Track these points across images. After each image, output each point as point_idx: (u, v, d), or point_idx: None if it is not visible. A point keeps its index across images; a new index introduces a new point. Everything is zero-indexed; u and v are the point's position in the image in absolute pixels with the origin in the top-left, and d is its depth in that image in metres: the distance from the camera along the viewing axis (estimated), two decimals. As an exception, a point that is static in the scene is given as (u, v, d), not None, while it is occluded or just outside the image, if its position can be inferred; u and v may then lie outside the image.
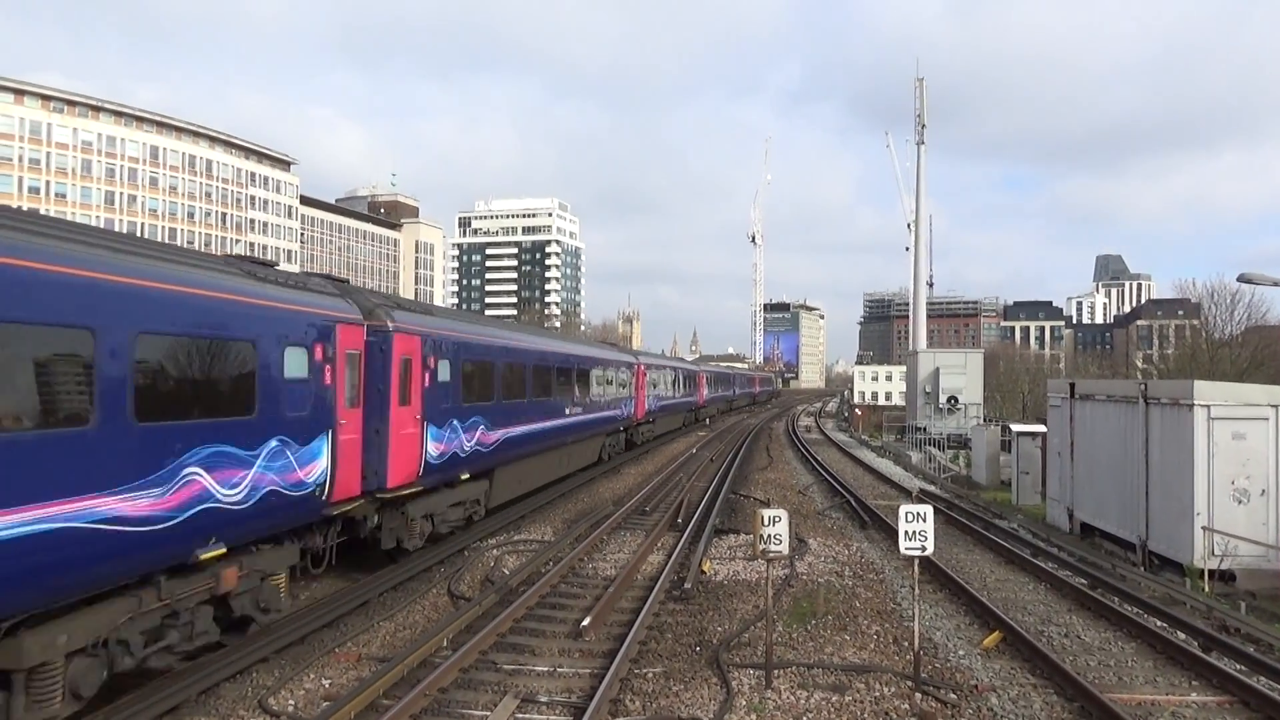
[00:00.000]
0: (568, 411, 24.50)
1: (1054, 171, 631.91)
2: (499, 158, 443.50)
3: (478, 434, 17.29)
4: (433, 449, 15.07)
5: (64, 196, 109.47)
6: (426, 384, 14.83)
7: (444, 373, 15.61)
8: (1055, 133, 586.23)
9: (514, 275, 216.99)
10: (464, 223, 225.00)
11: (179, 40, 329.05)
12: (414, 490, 14.53)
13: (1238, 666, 11.07)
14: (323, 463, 11.69)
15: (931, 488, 31.05)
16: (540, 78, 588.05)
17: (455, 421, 16.10)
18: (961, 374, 51.62)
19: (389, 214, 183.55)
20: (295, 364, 11.13)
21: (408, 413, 14.15)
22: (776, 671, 10.27)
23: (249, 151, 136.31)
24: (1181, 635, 12.49)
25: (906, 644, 11.32)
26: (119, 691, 8.74)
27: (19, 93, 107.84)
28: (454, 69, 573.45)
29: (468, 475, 17.06)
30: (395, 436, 13.64)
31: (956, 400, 50.50)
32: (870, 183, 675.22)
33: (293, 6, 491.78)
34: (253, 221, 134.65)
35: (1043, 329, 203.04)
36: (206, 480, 9.22)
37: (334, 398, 12.09)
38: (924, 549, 10.31)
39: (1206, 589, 15.72)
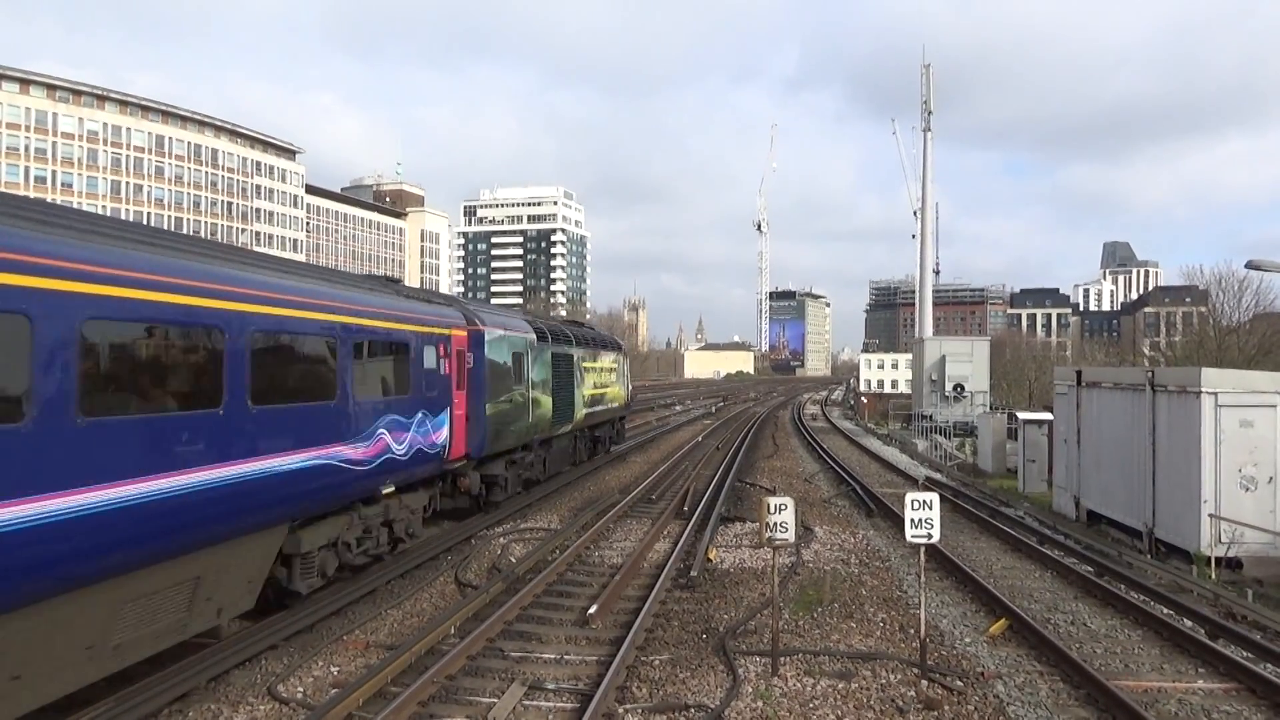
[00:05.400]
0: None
1: (1056, 158, 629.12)
2: (500, 145, 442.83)
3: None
4: None
5: (70, 186, 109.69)
6: None
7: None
8: (1057, 118, 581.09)
9: (519, 264, 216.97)
10: (469, 211, 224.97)
11: (174, 27, 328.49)
12: None
13: (1244, 653, 11.06)
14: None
15: (938, 475, 31.04)
16: (538, 64, 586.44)
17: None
18: (968, 362, 51.49)
19: (394, 203, 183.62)
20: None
21: None
22: (783, 659, 10.30)
23: (254, 141, 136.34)
24: (1188, 622, 12.48)
25: (913, 631, 11.35)
26: (128, 680, 8.80)
27: (24, 82, 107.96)
28: (452, 55, 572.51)
29: None
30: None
31: (963, 388, 50.39)
32: (873, 169, 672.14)
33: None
34: (258, 211, 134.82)
35: (1049, 316, 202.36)
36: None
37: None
38: (930, 537, 10.31)
39: (1213, 576, 15.71)
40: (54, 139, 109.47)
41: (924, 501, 10.30)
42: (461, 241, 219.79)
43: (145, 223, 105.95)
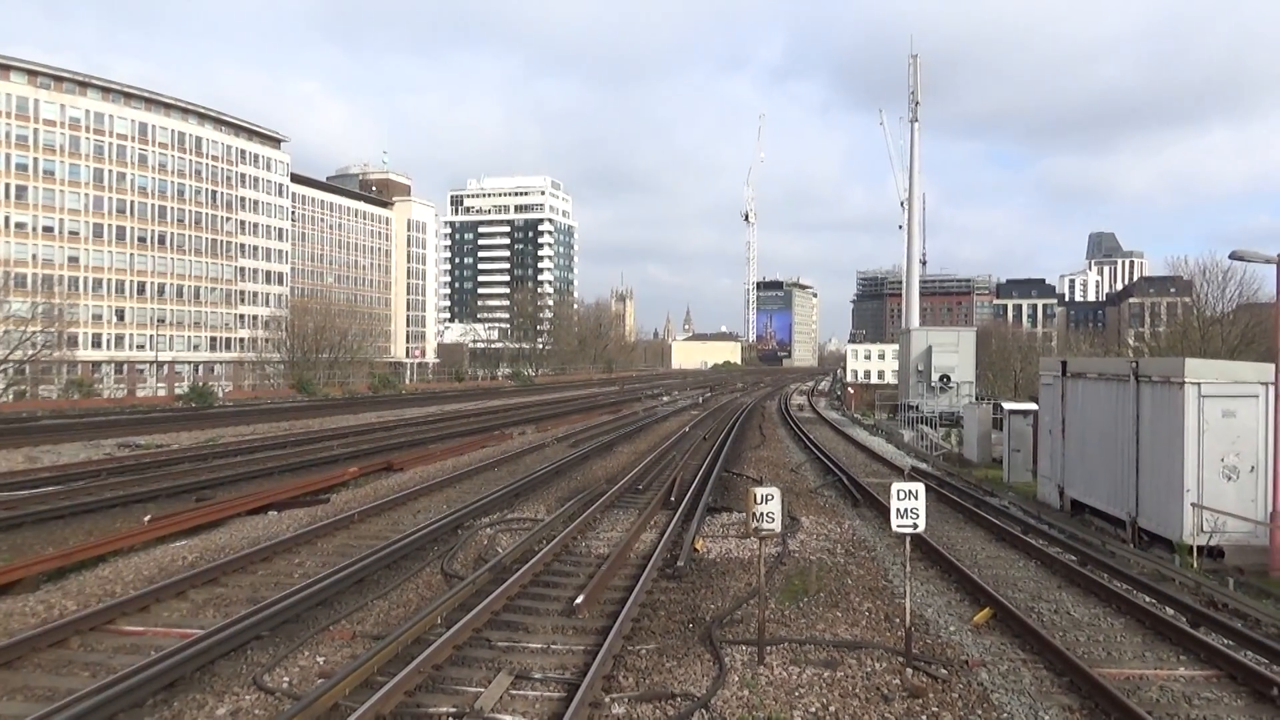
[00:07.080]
0: None
1: (1042, 148, 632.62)
2: (487, 134, 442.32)
3: None
4: None
5: (52, 174, 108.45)
6: None
7: None
8: (1042, 109, 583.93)
9: (507, 254, 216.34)
10: (456, 201, 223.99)
11: (156, 14, 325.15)
12: None
13: (1225, 641, 11.17)
14: None
15: (923, 466, 31.19)
16: (524, 52, 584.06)
17: None
18: (954, 352, 51.61)
19: (380, 192, 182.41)
20: None
21: None
22: (769, 648, 10.34)
23: (239, 129, 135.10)
24: (1170, 611, 12.60)
25: (898, 620, 11.41)
26: (115, 669, 8.76)
27: (4, 68, 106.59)
28: (437, 43, 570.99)
29: None
30: None
31: (949, 378, 50.52)
32: (860, 160, 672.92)
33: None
34: (243, 199, 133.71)
35: (1035, 307, 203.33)
36: None
37: None
38: (915, 526, 10.36)
39: (1195, 565, 15.84)
40: (35, 125, 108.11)
41: (909, 492, 10.34)
42: (448, 231, 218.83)
43: (129, 211, 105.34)
